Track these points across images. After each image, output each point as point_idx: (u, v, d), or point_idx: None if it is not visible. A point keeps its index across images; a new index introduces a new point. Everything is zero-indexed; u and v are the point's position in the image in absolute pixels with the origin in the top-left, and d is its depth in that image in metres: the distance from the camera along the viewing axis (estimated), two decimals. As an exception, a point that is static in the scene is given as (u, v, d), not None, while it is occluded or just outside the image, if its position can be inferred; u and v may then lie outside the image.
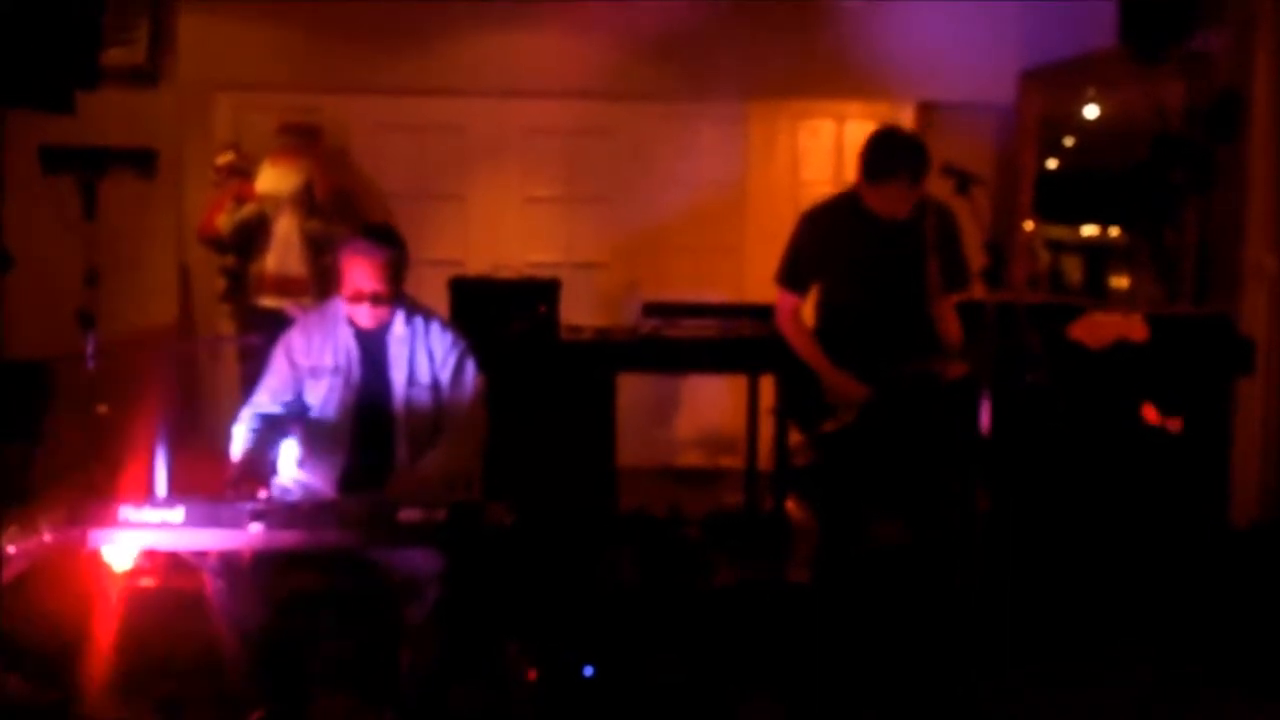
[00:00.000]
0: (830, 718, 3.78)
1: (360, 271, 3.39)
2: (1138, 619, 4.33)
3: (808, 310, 4.21)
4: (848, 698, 3.80)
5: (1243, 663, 4.05)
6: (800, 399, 4.08)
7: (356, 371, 3.50)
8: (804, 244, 4.09)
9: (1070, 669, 4.04)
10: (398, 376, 3.50)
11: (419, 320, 3.55)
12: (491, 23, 6.59)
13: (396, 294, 3.45)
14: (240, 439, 3.46)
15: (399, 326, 3.51)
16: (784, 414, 4.23)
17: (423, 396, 3.51)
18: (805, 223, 4.11)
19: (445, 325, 3.60)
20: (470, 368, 3.58)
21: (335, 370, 3.50)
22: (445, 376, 3.52)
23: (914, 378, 3.89)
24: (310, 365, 3.51)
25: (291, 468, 3.53)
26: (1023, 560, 4.51)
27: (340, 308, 3.50)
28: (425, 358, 3.52)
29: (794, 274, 4.10)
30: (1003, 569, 3.56)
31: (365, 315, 3.44)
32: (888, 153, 3.88)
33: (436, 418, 3.52)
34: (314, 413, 3.52)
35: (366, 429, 3.50)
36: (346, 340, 3.51)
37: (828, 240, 4.04)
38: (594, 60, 6.65)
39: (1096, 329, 3.51)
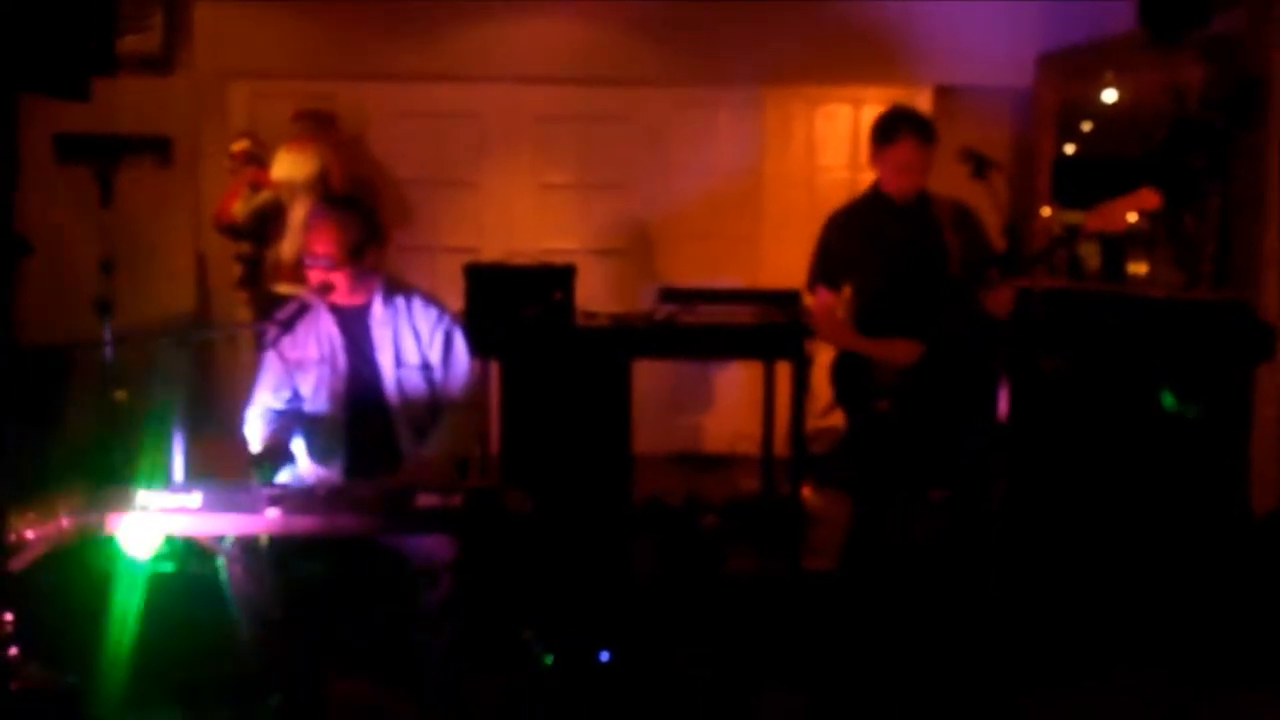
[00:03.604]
0: (849, 705, 3.78)
1: (314, 235, 3.41)
2: (1157, 608, 4.31)
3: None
4: (867, 685, 3.80)
5: (1263, 652, 4.03)
6: (849, 383, 4.06)
7: (342, 359, 3.49)
8: (832, 245, 4.12)
9: (1089, 660, 4.02)
10: (384, 359, 3.49)
11: (399, 300, 3.53)
12: (505, 9, 6.58)
13: (352, 261, 3.40)
14: (256, 430, 3.46)
15: (378, 308, 3.50)
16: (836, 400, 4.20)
17: (414, 378, 3.49)
18: (830, 226, 4.15)
19: (427, 300, 3.57)
20: (459, 342, 3.55)
21: (321, 360, 3.50)
22: (435, 356, 3.51)
23: (959, 313, 3.89)
24: (297, 358, 3.51)
25: (302, 462, 3.53)
26: (1041, 548, 4.49)
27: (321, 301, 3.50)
28: (411, 337, 3.50)
29: (827, 272, 4.12)
30: (1020, 557, 3.55)
31: (319, 280, 3.41)
32: (891, 118, 4.02)
33: (432, 399, 3.51)
34: (308, 405, 3.52)
35: (362, 416, 3.49)
36: (329, 328, 3.50)
37: (853, 239, 4.07)
38: (609, 46, 6.63)
39: (1111, 214, 3.51)
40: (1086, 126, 6.60)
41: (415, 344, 3.49)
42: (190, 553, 3.88)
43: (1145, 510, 4.73)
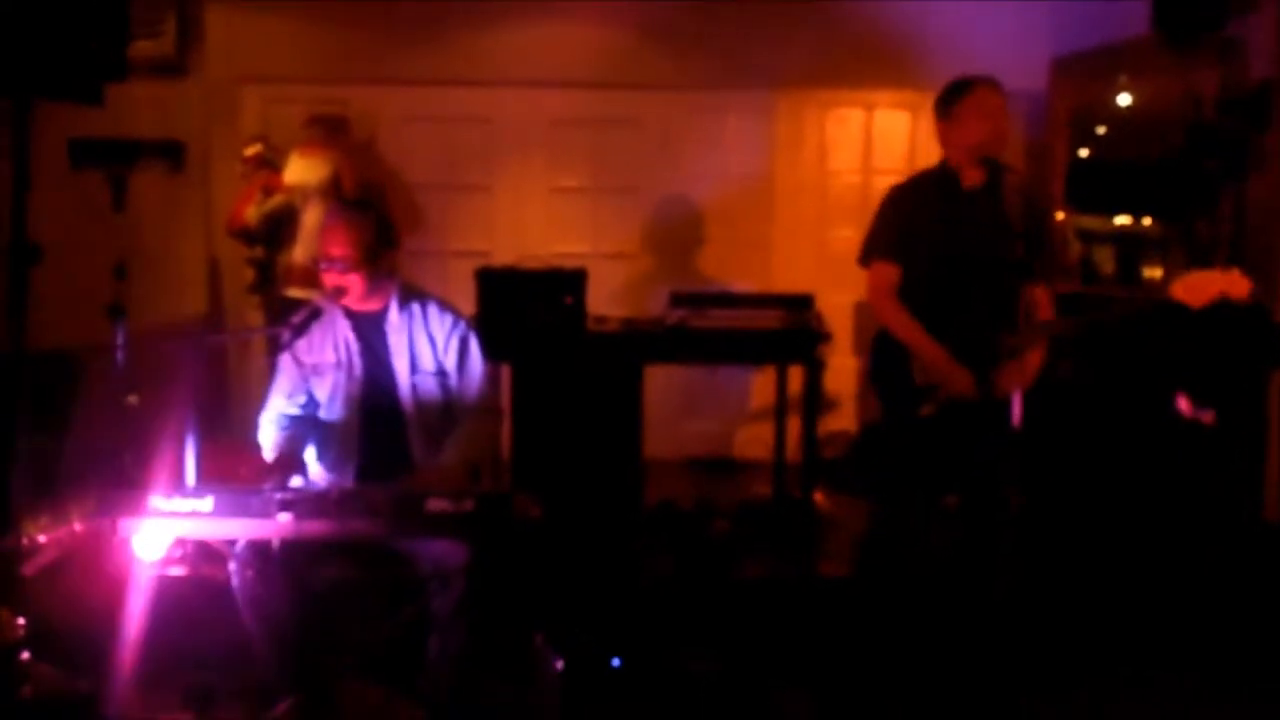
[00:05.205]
0: (861, 710, 3.77)
1: (329, 237, 3.41)
2: (1170, 615, 4.28)
3: None
4: (879, 690, 3.78)
5: (1276, 659, 4.00)
6: (891, 380, 3.87)
7: (358, 364, 3.50)
8: (892, 217, 3.87)
9: (1102, 667, 4.00)
10: (400, 365, 3.49)
11: (415, 306, 3.53)
12: (517, 14, 6.59)
13: (367, 262, 3.39)
14: (270, 438, 3.47)
15: (394, 314, 3.50)
16: (876, 395, 3.98)
17: (428, 384, 3.49)
18: (890, 199, 3.92)
19: (443, 306, 3.57)
20: (474, 349, 3.54)
21: (337, 365, 3.50)
22: (450, 363, 3.51)
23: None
24: (313, 363, 3.51)
25: (314, 467, 3.53)
26: (1054, 555, 4.47)
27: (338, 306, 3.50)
28: (426, 343, 3.50)
29: (888, 245, 3.83)
30: (1034, 564, 3.52)
31: (335, 283, 3.40)
32: (954, 83, 3.79)
33: (446, 405, 3.51)
34: (323, 411, 3.52)
35: (376, 422, 3.49)
36: (345, 333, 3.51)
37: (914, 214, 3.83)
38: (620, 50, 6.64)
39: (1198, 286, 3.38)
40: (1100, 130, 6.57)
41: (430, 350, 3.50)
42: (202, 557, 3.90)
43: (1159, 516, 4.70)
